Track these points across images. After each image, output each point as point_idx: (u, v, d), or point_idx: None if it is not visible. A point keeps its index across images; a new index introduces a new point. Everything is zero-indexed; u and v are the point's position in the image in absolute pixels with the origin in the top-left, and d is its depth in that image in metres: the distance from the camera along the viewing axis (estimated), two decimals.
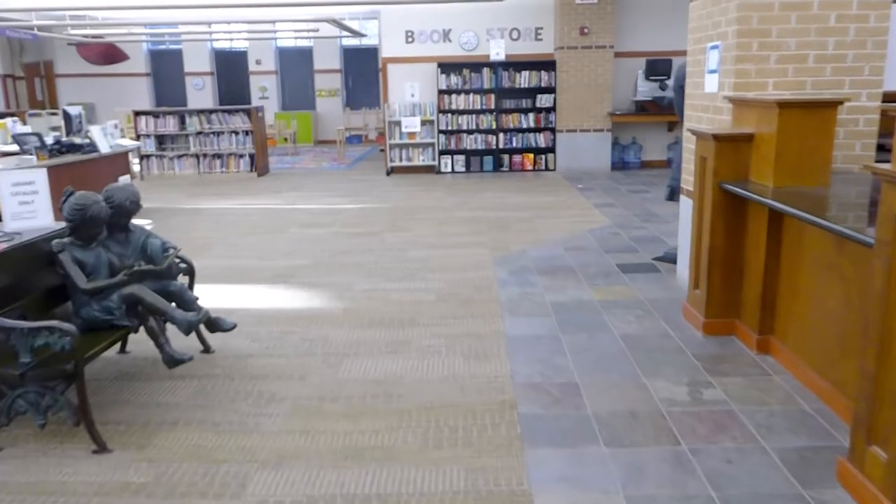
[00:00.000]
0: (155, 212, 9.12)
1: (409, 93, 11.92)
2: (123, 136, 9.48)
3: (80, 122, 8.15)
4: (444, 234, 7.40)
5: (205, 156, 12.30)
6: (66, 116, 8.01)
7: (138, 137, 12.25)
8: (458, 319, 4.72)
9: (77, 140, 7.98)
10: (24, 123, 10.13)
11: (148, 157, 12.34)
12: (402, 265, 6.17)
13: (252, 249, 6.94)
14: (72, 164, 7.59)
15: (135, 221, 4.06)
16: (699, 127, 4.60)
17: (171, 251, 3.96)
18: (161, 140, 12.50)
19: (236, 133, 12.23)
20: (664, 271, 5.75)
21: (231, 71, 19.51)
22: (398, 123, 11.90)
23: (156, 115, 12.28)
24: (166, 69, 19.61)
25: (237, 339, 4.40)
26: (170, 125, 12.25)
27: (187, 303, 3.87)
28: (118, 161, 8.54)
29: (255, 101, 18.95)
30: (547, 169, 11.98)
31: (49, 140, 7.72)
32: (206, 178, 12.25)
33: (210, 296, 5.32)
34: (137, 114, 12.26)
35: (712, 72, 4.59)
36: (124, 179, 8.66)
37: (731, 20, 4.29)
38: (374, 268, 6.11)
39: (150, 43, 19.49)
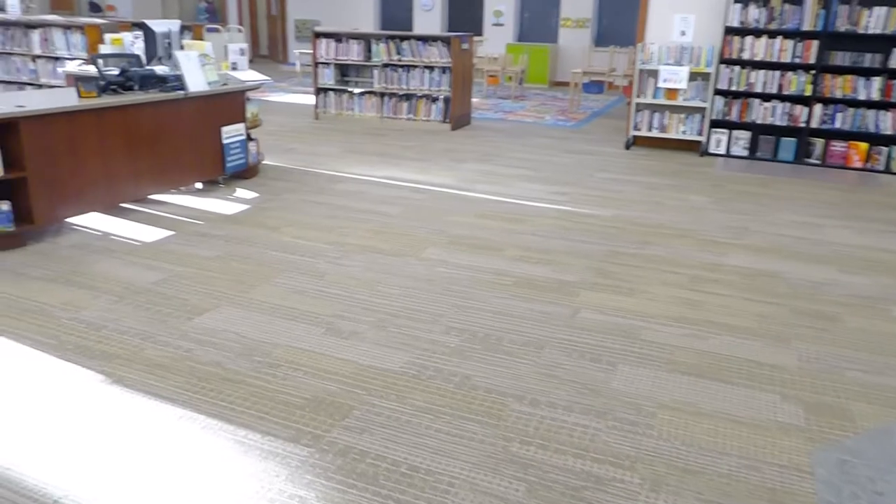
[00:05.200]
0: (281, 174, 6.43)
1: (679, 29, 7.92)
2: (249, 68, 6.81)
3: (169, 45, 5.57)
4: (698, 315, 3.72)
5: (391, 95, 9.44)
6: (148, 35, 5.44)
7: (316, 65, 9.73)
8: None
9: (159, 70, 5.39)
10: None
11: (326, 90, 9.80)
12: (591, 433, 2.69)
13: (332, 297, 3.86)
14: (133, 108, 5.01)
15: None
16: None
17: None
18: (344, 70, 9.87)
19: (431, 69, 9.16)
20: None
21: None
22: (654, 73, 8.01)
23: (338, 38, 9.59)
24: None
25: None
26: (353, 53, 9.52)
27: None
28: (223, 104, 5.86)
29: (488, 29, 15.78)
30: (888, 171, 7.39)
31: (113, 70, 5.21)
32: (386, 125, 9.43)
33: None
34: (317, 35, 9.67)
35: None
36: (231, 130, 6.01)
37: None
38: (528, 428, 2.72)
39: None
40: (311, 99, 10.43)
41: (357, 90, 9.68)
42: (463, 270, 4.29)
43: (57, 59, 7.79)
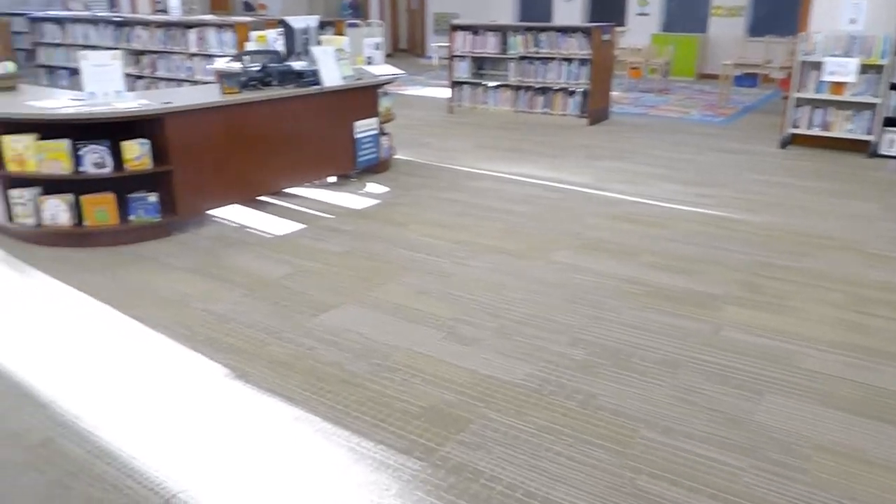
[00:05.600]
0: (413, 169, 6.43)
1: (848, 16, 7.16)
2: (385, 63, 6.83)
3: (307, 41, 5.67)
4: (863, 341, 3.27)
5: (526, 89, 9.24)
6: (288, 31, 5.57)
7: (452, 59, 9.70)
8: None
9: (296, 66, 5.51)
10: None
11: (461, 84, 9.75)
12: (731, 472, 2.40)
13: (456, 299, 3.75)
14: (271, 103, 5.15)
15: None
16: None
17: None
18: (479, 64, 9.77)
19: (569, 61, 8.86)
20: None
21: None
22: (817, 66, 7.29)
23: (474, 30, 9.50)
24: None
25: None
26: (489, 45, 9.40)
27: None
28: (356, 99, 5.92)
29: (631, 18, 15.15)
30: None
31: (255, 66, 5.38)
32: (520, 119, 9.24)
33: None
34: (454, 28, 9.64)
35: None
36: (364, 125, 6.06)
37: None
38: (658, 459, 2.47)
39: None
40: (446, 92, 10.41)
41: (492, 83, 9.56)
42: (594, 276, 4.05)
43: (210, 56, 8.23)
